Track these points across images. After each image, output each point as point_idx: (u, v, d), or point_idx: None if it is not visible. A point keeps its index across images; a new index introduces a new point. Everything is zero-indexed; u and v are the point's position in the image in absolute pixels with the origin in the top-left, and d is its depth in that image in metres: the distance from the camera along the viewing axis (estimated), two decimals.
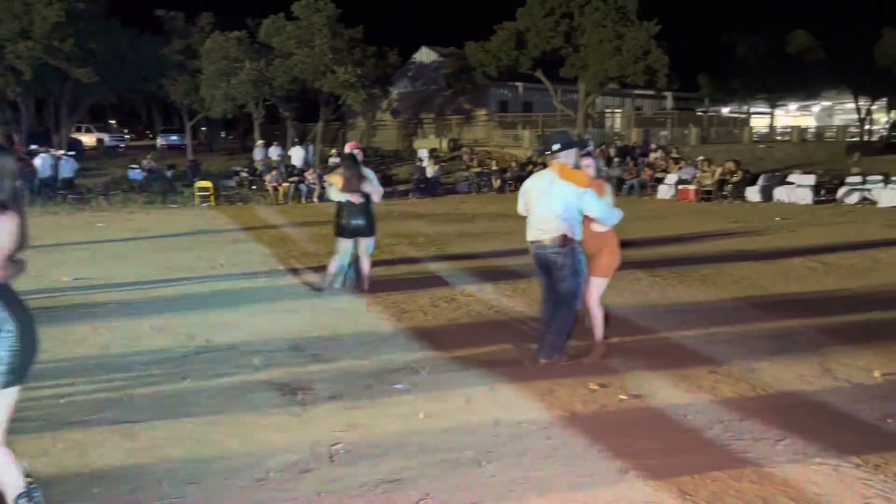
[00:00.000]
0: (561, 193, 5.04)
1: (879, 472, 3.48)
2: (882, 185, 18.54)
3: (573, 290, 5.13)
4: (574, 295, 5.15)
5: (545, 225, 5.12)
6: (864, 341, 5.78)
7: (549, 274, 5.21)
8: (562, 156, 5.13)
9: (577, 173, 5.05)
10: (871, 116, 47.06)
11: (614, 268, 5.48)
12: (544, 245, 5.13)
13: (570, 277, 5.10)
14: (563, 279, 5.11)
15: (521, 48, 30.74)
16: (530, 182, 5.43)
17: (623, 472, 3.48)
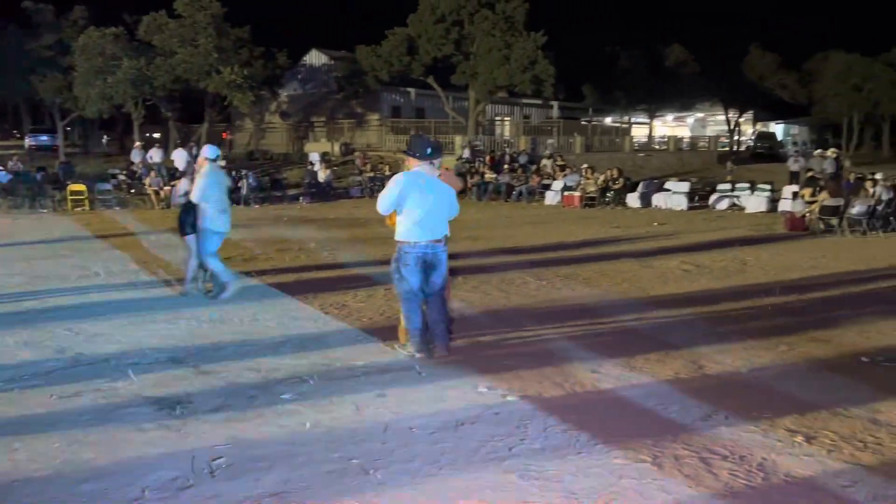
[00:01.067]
0: (448, 196, 5.43)
1: (744, 463, 3.70)
2: (749, 192, 19.87)
3: (445, 283, 5.58)
4: (445, 287, 5.58)
5: (439, 226, 5.38)
6: (733, 339, 6.15)
7: (426, 273, 5.39)
8: (438, 161, 5.51)
9: (454, 178, 5.58)
10: (739, 128, 50.51)
11: None
12: (437, 245, 5.35)
13: (444, 273, 5.53)
14: (440, 276, 5.47)
15: (413, 54, 30.90)
16: (411, 183, 5.34)
17: (508, 474, 3.54)
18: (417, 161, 5.49)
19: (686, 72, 42.93)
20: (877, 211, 14.12)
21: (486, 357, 5.54)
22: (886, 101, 38.59)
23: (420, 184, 5.34)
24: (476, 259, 10.61)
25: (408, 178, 5.41)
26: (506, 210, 19.75)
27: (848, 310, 7.40)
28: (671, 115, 53.11)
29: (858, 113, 40.05)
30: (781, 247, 12.34)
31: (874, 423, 4.25)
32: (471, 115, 32.27)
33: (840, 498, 3.33)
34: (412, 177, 5.41)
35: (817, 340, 6.18)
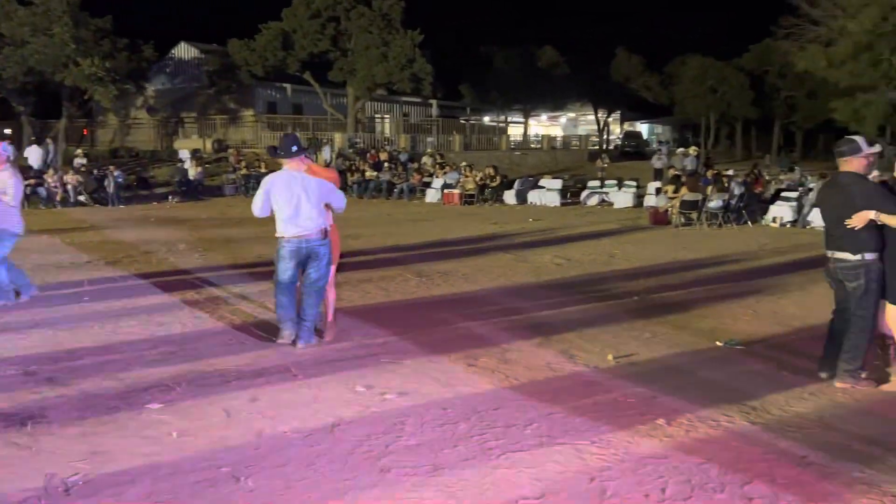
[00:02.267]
0: (318, 189, 5.55)
1: (611, 447, 3.87)
2: (617, 188, 20.86)
3: (327, 278, 5.73)
4: (325, 281, 5.74)
5: (309, 222, 5.52)
6: (601, 328, 6.43)
7: (304, 266, 5.67)
8: (301, 156, 5.67)
9: (326, 171, 5.69)
10: (608, 127, 52.96)
11: (338, 255, 6.16)
12: (311, 239, 5.56)
13: (326, 266, 5.68)
14: (320, 269, 5.63)
15: (288, 49, 30.25)
16: (275, 182, 5.62)
17: (384, 473, 3.52)
18: (287, 160, 5.68)
19: (558, 73, 44.49)
20: (731, 205, 15.19)
21: (364, 356, 5.50)
22: (737, 104, 41.60)
23: (287, 182, 5.56)
24: (356, 257, 10.52)
25: (274, 178, 5.69)
26: (387, 208, 19.72)
27: (705, 297, 7.91)
28: (545, 114, 54.94)
29: (714, 113, 42.94)
30: (646, 240, 13.03)
31: (727, 403, 4.55)
32: (350, 112, 32.02)
33: (694, 475, 3.53)
34: (278, 176, 5.72)
35: (678, 327, 6.57)
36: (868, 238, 4.76)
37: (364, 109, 35.41)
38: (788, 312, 7.19)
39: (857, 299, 4.82)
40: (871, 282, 4.76)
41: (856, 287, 4.79)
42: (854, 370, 4.89)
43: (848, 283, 4.84)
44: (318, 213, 5.56)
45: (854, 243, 4.78)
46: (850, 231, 4.78)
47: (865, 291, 4.77)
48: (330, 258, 5.73)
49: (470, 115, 46.12)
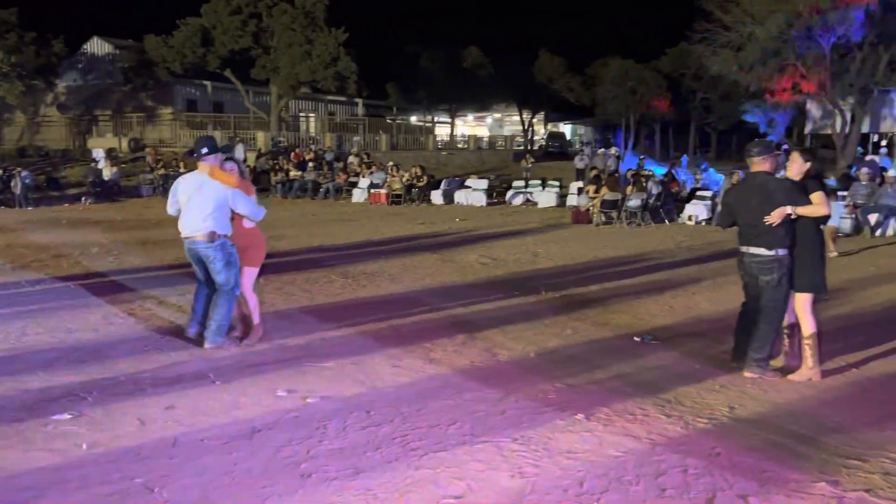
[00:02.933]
0: (213, 193, 5.54)
1: (532, 443, 3.93)
2: (541, 188, 21.20)
3: (228, 280, 5.65)
4: (229, 285, 5.66)
5: (197, 223, 5.57)
6: (524, 326, 6.53)
7: (204, 266, 5.71)
8: (210, 159, 5.63)
9: (226, 175, 5.60)
10: (532, 128, 53.78)
11: (262, 259, 6.06)
12: (196, 241, 5.61)
13: (224, 270, 5.62)
14: (218, 272, 5.61)
15: (208, 46, 29.47)
16: (181, 183, 5.77)
17: (305, 478, 3.47)
18: (200, 162, 5.71)
19: (483, 73, 44.90)
20: (649, 204, 15.67)
21: (286, 359, 5.41)
22: (656, 105, 42.90)
23: (188, 183, 5.67)
24: (280, 259, 10.35)
25: (182, 178, 5.84)
26: (312, 208, 19.47)
27: (623, 294, 8.13)
28: (471, 114, 55.36)
29: (634, 114, 44.19)
30: (568, 238, 13.31)
31: (642, 396, 4.70)
32: (273, 110, 31.45)
33: (611, 468, 3.63)
34: (185, 177, 5.82)
35: (598, 324, 6.73)
36: (783, 235, 5.02)
37: (288, 108, 34.85)
38: (702, 307, 7.47)
39: (770, 292, 5.06)
40: (783, 276, 5.03)
41: (769, 280, 5.05)
42: (761, 359, 5.13)
43: (762, 276, 5.08)
44: (207, 217, 5.52)
45: (769, 240, 5.02)
46: (766, 228, 5.02)
47: (777, 284, 5.04)
48: (227, 262, 5.60)
49: (396, 114, 46.02)
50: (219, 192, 5.53)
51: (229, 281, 5.63)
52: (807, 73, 21.30)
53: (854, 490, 3.42)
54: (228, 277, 5.62)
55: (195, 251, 5.64)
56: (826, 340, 5.28)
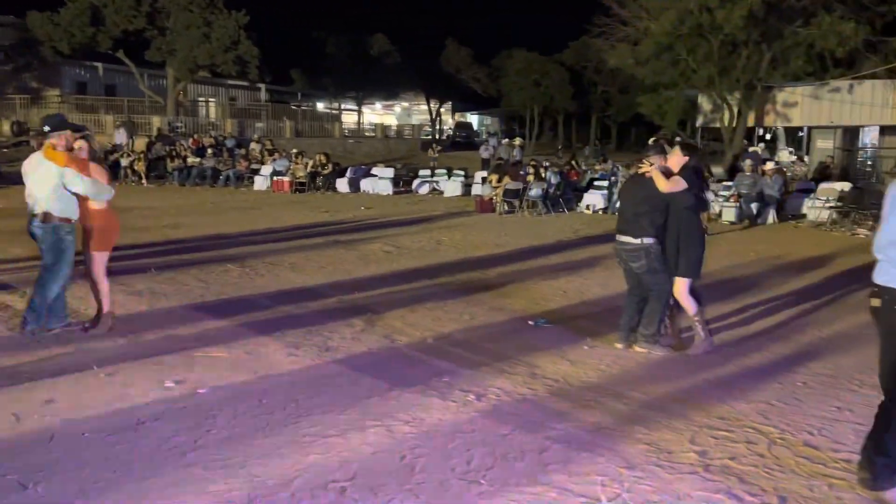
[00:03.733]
0: (46, 173, 5.39)
1: (423, 425, 4.01)
2: (447, 177, 21.36)
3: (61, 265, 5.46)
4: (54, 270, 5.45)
5: (34, 203, 5.45)
6: (424, 312, 6.61)
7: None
8: (53, 136, 5.45)
9: (57, 154, 5.41)
10: (440, 117, 54.04)
11: (113, 242, 5.88)
12: (32, 220, 5.47)
13: (49, 252, 5.42)
14: (44, 252, 5.46)
15: (99, 25, 28.01)
16: (25, 163, 5.61)
17: (190, 467, 3.42)
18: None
19: (390, 61, 44.70)
20: (549, 193, 16.08)
21: (177, 350, 5.27)
22: (559, 97, 44.03)
23: (30, 164, 5.54)
24: (174, 248, 10.03)
25: (27, 160, 5.66)
26: (211, 196, 18.89)
27: (521, 280, 8.35)
28: (379, 103, 55.06)
29: (538, 106, 45.14)
30: (472, 227, 13.50)
31: (532, 377, 4.86)
32: (170, 94, 30.26)
33: (498, 446, 3.75)
34: (29, 158, 5.63)
35: (495, 309, 6.89)
36: (647, 224, 5.33)
37: (186, 92, 33.62)
38: (593, 291, 7.77)
39: (646, 277, 5.39)
40: (651, 262, 5.33)
41: (638, 267, 5.38)
42: (650, 335, 5.48)
43: (631, 263, 5.43)
44: (45, 198, 5.38)
45: (636, 229, 5.35)
46: (633, 217, 5.39)
47: (648, 270, 5.35)
48: (51, 245, 5.41)
49: (302, 101, 45.18)
50: (51, 172, 5.37)
51: (61, 264, 5.45)
52: (697, 69, 22.34)
53: (720, 458, 3.67)
54: (55, 261, 5.43)
55: (32, 231, 5.48)
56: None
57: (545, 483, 3.34)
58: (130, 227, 12.23)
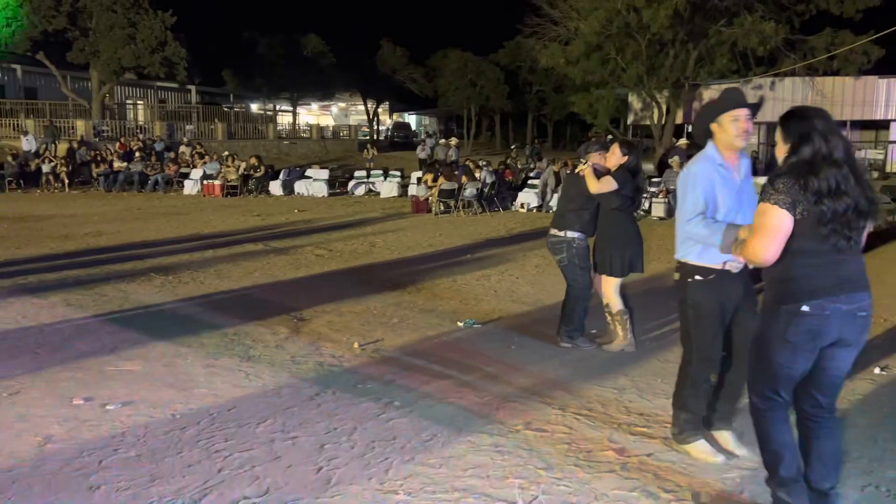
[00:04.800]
0: None
1: (343, 435, 3.92)
2: (383, 178, 21.24)
3: None
4: None
5: None
6: (352, 317, 6.51)
7: None
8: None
9: None
10: (378, 118, 53.73)
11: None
12: None
13: None
14: None
15: (15, 26, 26.82)
16: None
17: (93, 490, 3.26)
18: None
19: (324, 62, 44.20)
20: (484, 192, 16.14)
21: (89, 366, 5.04)
22: (495, 97, 44.32)
23: None
24: (93, 257, 9.66)
25: None
26: (138, 202, 18.30)
27: (452, 281, 8.32)
28: (315, 103, 54.38)
29: (475, 106, 45.35)
30: (407, 228, 13.43)
31: (458, 380, 4.82)
32: (95, 97, 29.22)
33: (419, 453, 3.70)
34: None
35: (426, 311, 6.84)
36: (574, 219, 5.39)
37: (113, 94, 32.54)
38: (523, 291, 7.80)
39: (566, 271, 5.48)
40: (573, 257, 5.39)
41: (559, 260, 5.51)
42: (571, 331, 5.56)
43: (553, 255, 5.55)
44: None
45: (561, 222, 5.40)
46: (560, 211, 5.45)
47: (568, 264, 5.43)
48: None
49: (234, 102, 44.26)
50: None
51: None
52: (626, 68, 22.83)
53: (637, 455, 3.70)
54: None
55: None
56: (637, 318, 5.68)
57: (462, 489, 3.30)
58: (49, 235, 11.77)
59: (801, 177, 2.72)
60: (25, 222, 13.53)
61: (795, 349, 2.80)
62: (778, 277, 2.83)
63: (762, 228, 2.76)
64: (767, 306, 2.90)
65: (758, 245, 2.78)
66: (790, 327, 2.78)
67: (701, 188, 3.44)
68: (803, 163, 2.74)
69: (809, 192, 2.70)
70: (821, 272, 2.76)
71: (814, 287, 2.75)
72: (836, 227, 2.71)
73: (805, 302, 2.75)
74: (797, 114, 2.88)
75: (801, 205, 2.72)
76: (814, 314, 2.74)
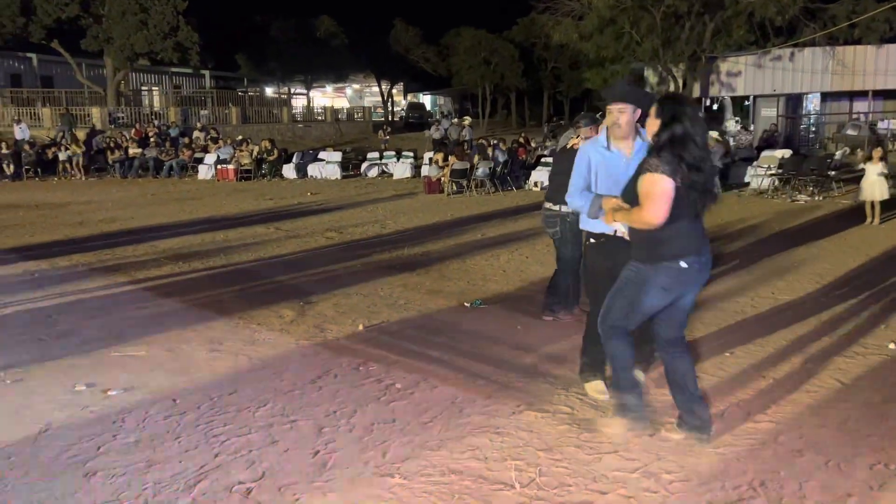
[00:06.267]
0: None
1: (342, 418, 3.89)
2: (396, 160, 21.15)
3: None
4: None
5: None
6: (359, 299, 6.47)
7: None
8: None
9: None
10: (392, 99, 53.48)
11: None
12: None
13: None
14: None
15: (30, 15, 26.93)
16: None
17: (89, 477, 3.25)
18: None
19: (337, 43, 43.99)
20: (496, 172, 16.00)
21: (92, 351, 5.06)
22: (510, 74, 43.87)
23: None
24: (104, 242, 9.70)
25: None
26: (153, 187, 18.38)
27: (462, 261, 8.25)
28: (330, 86, 54.22)
29: (489, 84, 44.93)
30: (418, 209, 13.35)
31: (460, 361, 4.77)
32: (110, 84, 29.33)
33: (417, 434, 3.66)
34: None
35: (433, 292, 6.78)
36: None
37: (128, 81, 32.64)
38: (532, 270, 7.71)
39: (557, 244, 5.49)
40: (566, 231, 5.35)
41: (553, 234, 5.56)
42: (552, 304, 5.69)
43: (547, 229, 5.51)
44: None
45: (556, 197, 5.33)
46: (554, 186, 5.43)
47: (560, 238, 5.42)
48: None
49: (248, 86, 44.25)
50: None
51: None
52: (641, 41, 22.43)
53: (641, 436, 3.63)
54: None
55: None
56: None
57: (458, 471, 3.25)
58: (64, 222, 11.85)
59: (677, 150, 3.16)
60: (41, 210, 13.63)
61: (666, 295, 3.35)
62: (658, 239, 3.28)
63: (652, 196, 3.17)
64: (645, 262, 3.36)
65: (650, 210, 3.17)
66: (669, 279, 3.31)
67: (581, 165, 4.07)
68: (677, 139, 3.17)
69: (684, 164, 3.15)
70: (692, 234, 3.29)
71: (688, 247, 3.29)
72: (698, 196, 3.22)
73: (683, 259, 3.28)
74: (672, 97, 3.46)
75: (679, 175, 3.15)
76: (688, 268, 3.29)
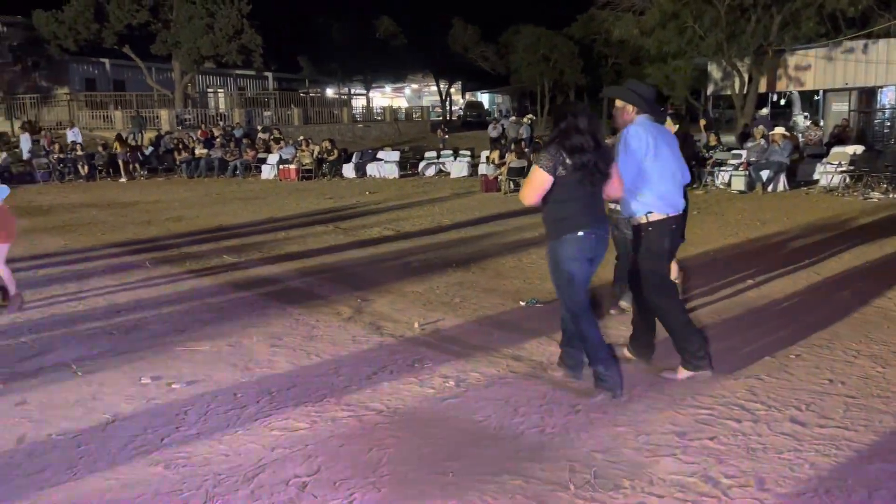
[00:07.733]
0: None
1: (398, 414, 3.91)
2: (453, 158, 21.19)
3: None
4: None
5: None
6: (414, 297, 6.50)
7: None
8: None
9: None
10: (450, 97, 53.60)
11: (10, 236, 6.32)
12: None
13: None
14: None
15: (103, 21, 28.02)
16: None
17: (154, 466, 3.36)
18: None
19: (396, 44, 44.33)
20: None
21: (157, 345, 5.23)
22: (569, 71, 43.39)
23: None
24: (168, 241, 10.02)
25: None
26: (217, 187, 18.89)
27: (518, 260, 8.21)
28: (388, 86, 54.71)
29: (548, 81, 44.54)
30: (475, 207, 13.35)
31: (516, 360, 4.75)
32: (177, 87, 30.27)
33: (471, 433, 3.65)
34: None
35: (488, 290, 6.77)
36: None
37: (194, 84, 33.64)
38: None
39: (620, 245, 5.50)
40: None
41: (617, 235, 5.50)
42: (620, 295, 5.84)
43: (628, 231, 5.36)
44: None
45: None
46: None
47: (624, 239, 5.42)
48: None
49: (310, 87, 45.01)
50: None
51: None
52: (704, 36, 21.88)
53: (699, 439, 3.54)
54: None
55: None
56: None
57: (512, 472, 3.23)
58: (133, 221, 12.29)
59: (559, 142, 3.84)
60: (112, 209, 14.17)
61: (581, 261, 3.94)
62: (557, 217, 3.96)
63: (530, 182, 3.94)
64: (553, 241, 3.99)
65: (526, 192, 3.98)
66: (574, 248, 3.92)
67: None
68: (561, 132, 3.87)
69: (565, 150, 3.81)
70: (586, 212, 3.92)
71: (582, 221, 3.91)
72: (585, 175, 3.83)
73: (580, 230, 3.90)
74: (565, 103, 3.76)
75: (562, 165, 3.83)
76: (587, 237, 3.90)
